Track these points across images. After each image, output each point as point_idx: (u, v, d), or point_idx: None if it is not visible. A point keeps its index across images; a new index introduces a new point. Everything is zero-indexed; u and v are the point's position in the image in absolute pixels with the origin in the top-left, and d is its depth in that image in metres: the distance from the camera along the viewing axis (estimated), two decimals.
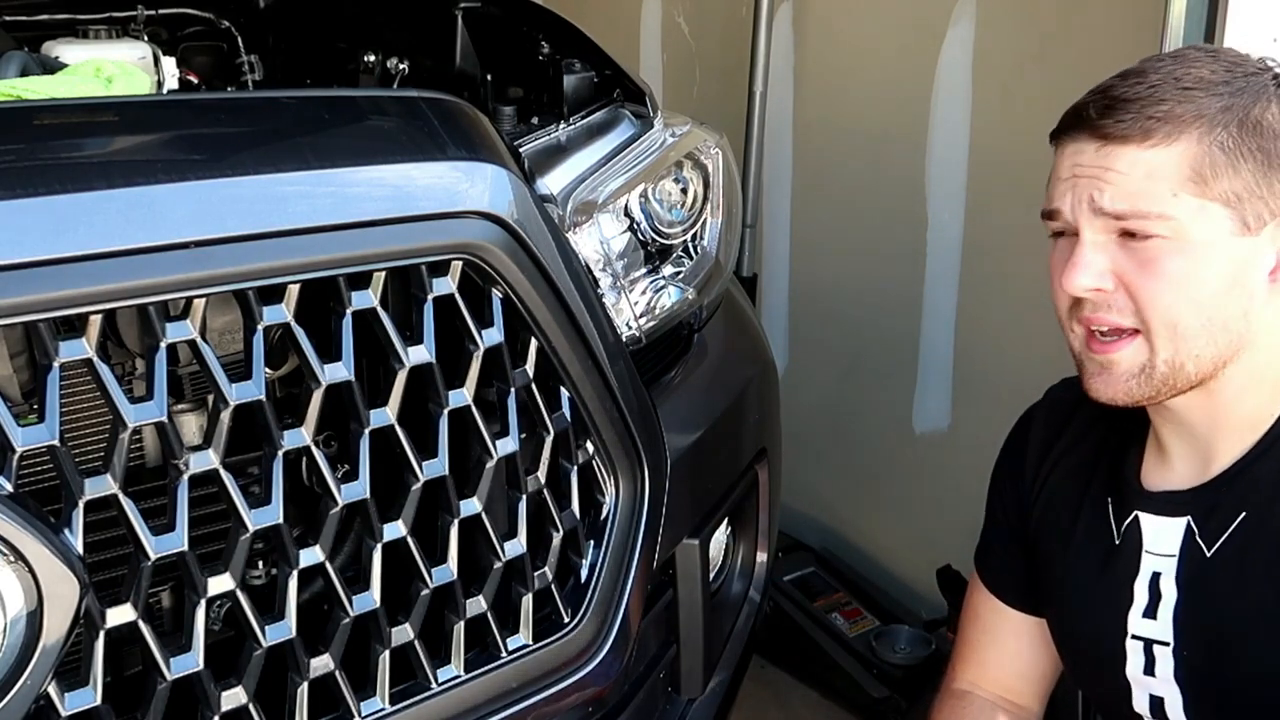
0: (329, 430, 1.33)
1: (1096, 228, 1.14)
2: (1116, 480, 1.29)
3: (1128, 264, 1.13)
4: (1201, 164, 1.11)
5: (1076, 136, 1.16)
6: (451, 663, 1.25)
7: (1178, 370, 1.14)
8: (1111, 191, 1.12)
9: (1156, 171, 1.11)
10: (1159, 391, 1.16)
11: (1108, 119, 1.13)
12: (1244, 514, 1.17)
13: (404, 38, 1.83)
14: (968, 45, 2.50)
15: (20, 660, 0.96)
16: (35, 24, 1.74)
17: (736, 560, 1.78)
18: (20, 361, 1.10)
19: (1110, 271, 1.14)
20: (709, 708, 1.64)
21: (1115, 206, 1.12)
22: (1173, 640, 1.22)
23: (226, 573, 1.08)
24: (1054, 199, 1.17)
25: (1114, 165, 1.12)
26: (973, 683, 1.45)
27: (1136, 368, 1.15)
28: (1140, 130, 1.11)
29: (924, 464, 2.75)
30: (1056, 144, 1.19)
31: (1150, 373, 1.15)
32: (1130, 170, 1.12)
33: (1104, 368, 1.17)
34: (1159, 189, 1.11)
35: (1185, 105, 1.11)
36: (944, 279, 2.64)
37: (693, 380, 1.61)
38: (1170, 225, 1.11)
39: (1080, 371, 1.21)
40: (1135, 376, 1.16)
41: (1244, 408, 1.18)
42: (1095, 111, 1.14)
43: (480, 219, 1.20)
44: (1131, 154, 1.12)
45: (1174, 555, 1.22)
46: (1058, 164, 1.18)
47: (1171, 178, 1.11)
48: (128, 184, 1.00)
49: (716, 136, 1.66)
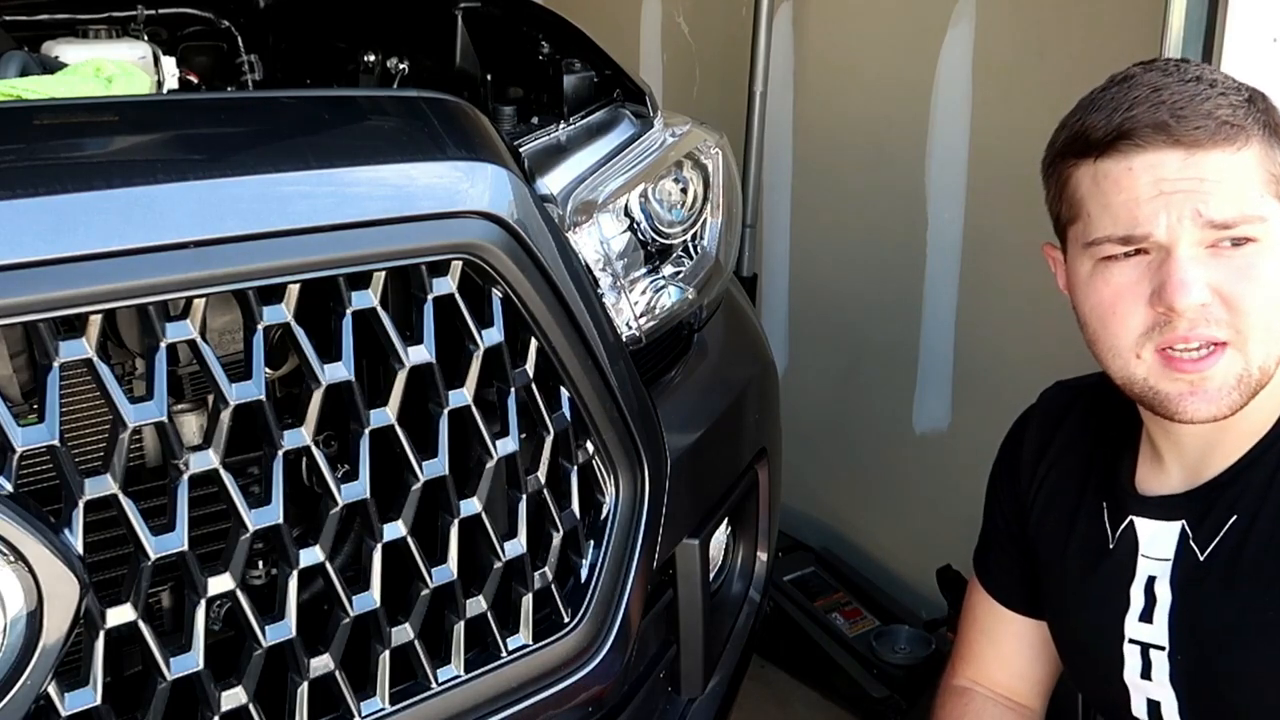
0: (329, 430, 1.33)
1: (1195, 240, 1.09)
2: (1111, 484, 1.29)
3: (1224, 273, 1.09)
4: (1271, 164, 1.10)
5: (1147, 148, 1.09)
6: (451, 663, 1.25)
7: (1266, 373, 1.12)
8: (1216, 200, 1.08)
9: (1245, 175, 1.09)
10: (1249, 398, 1.12)
11: (1185, 125, 1.08)
12: (1235, 516, 1.17)
13: (404, 38, 1.83)
14: (968, 45, 2.50)
15: (20, 660, 0.96)
16: (35, 24, 1.74)
17: (736, 560, 1.78)
18: (20, 361, 1.10)
19: (1208, 284, 1.09)
20: (709, 708, 1.64)
21: (1224, 215, 1.08)
22: (1168, 644, 1.22)
23: (226, 573, 1.08)
24: (1140, 221, 1.09)
25: (1205, 174, 1.08)
26: (973, 680, 1.45)
27: (1234, 379, 1.11)
28: (1223, 136, 1.08)
29: (924, 464, 2.75)
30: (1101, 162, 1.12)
31: (1248, 380, 1.11)
32: (1222, 177, 1.08)
33: (1196, 386, 1.11)
34: (1252, 192, 1.09)
35: (1239, 110, 1.10)
36: (944, 279, 2.64)
37: (693, 380, 1.61)
38: (1264, 228, 1.09)
39: (1156, 400, 1.14)
40: (1235, 388, 1.11)
41: (1251, 415, 1.17)
42: (1169, 118, 1.08)
43: (480, 219, 1.20)
44: (1219, 160, 1.08)
45: (1169, 559, 1.21)
46: (1124, 183, 1.10)
47: (1257, 180, 1.09)
48: (128, 184, 1.00)
49: (716, 136, 1.66)
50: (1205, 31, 1.71)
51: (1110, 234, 1.12)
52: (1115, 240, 1.12)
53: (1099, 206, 1.13)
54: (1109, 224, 1.12)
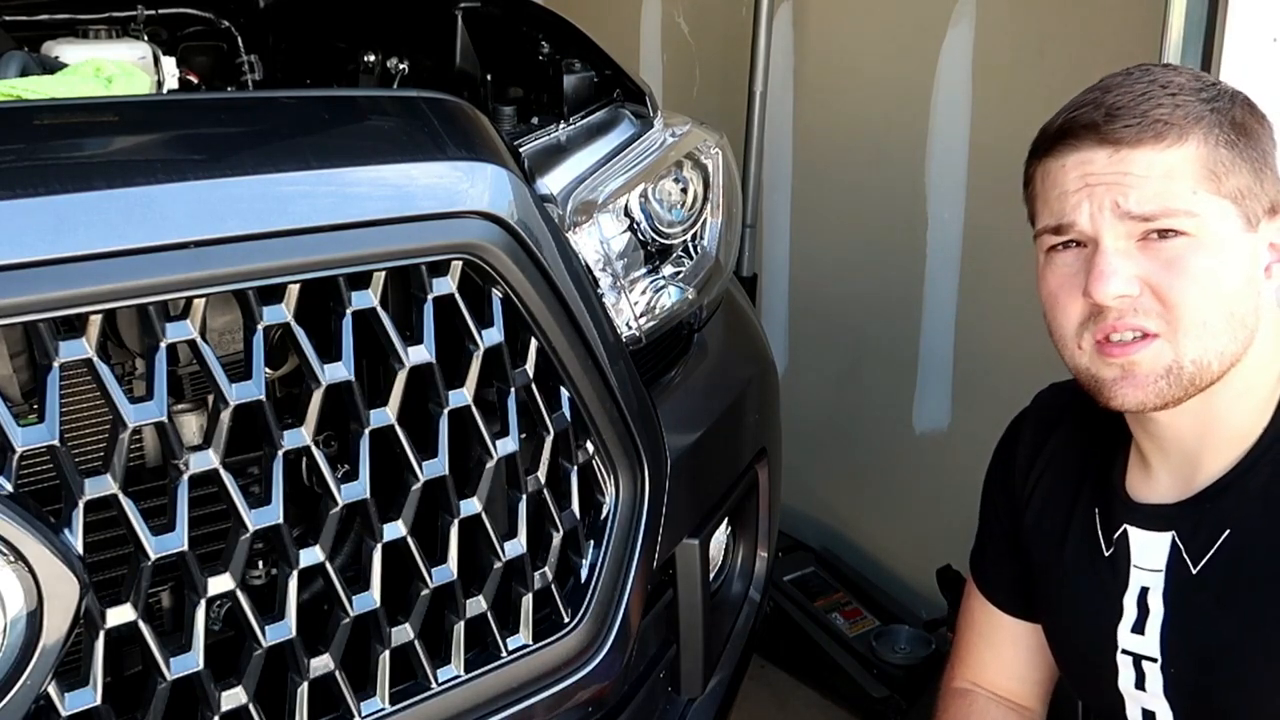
0: (329, 430, 1.33)
1: (1119, 233, 1.12)
2: (1104, 490, 1.29)
3: (1152, 266, 1.12)
4: (1212, 162, 1.12)
5: (1079, 146, 1.14)
6: (451, 663, 1.25)
7: (1203, 369, 1.13)
8: (1137, 194, 1.11)
9: (1174, 171, 1.11)
10: (1185, 392, 1.14)
11: (1114, 124, 1.12)
12: (1229, 531, 1.16)
13: (404, 38, 1.83)
14: (968, 45, 2.50)
15: (20, 660, 0.96)
16: (35, 24, 1.74)
17: (736, 560, 1.78)
18: (20, 361, 1.10)
19: (1135, 276, 1.12)
20: (709, 708, 1.64)
21: (1143, 208, 1.11)
22: (1160, 657, 1.21)
23: (226, 573, 1.08)
24: (1065, 212, 1.15)
25: (1131, 169, 1.12)
26: (973, 682, 1.45)
27: (1162, 369, 1.13)
28: (1152, 133, 1.11)
29: (924, 464, 2.75)
30: (1046, 160, 1.18)
31: (1179, 373, 1.13)
32: (1149, 172, 1.11)
33: (1126, 372, 1.14)
34: (1180, 188, 1.11)
35: (1183, 109, 1.12)
36: (944, 279, 2.64)
37: (693, 380, 1.61)
38: (1195, 222, 1.11)
39: (1096, 387, 1.18)
40: (1163, 377, 1.13)
41: (1234, 420, 1.17)
42: (1100, 118, 1.13)
43: (480, 219, 1.20)
44: (1147, 156, 1.12)
45: (1160, 570, 1.21)
46: (1058, 178, 1.16)
47: (1189, 176, 1.11)
48: (128, 184, 1.00)
49: (716, 136, 1.66)
50: (1205, 32, 1.71)
51: (1047, 224, 1.18)
52: (1050, 231, 1.18)
53: (1042, 202, 1.19)
54: (1046, 216, 1.18)
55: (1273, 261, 1.16)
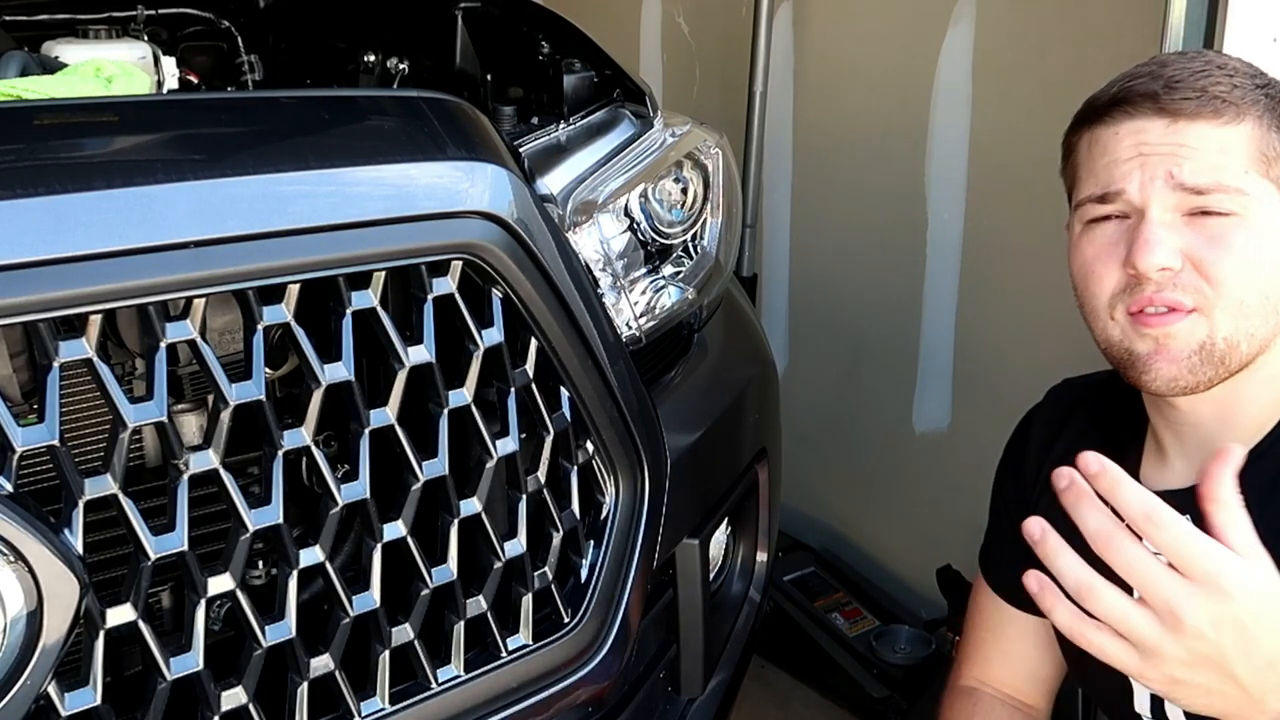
0: (329, 430, 1.33)
1: (1168, 205, 1.12)
2: None
3: (1197, 240, 1.11)
4: (1265, 145, 1.12)
5: (1135, 114, 1.14)
6: (451, 663, 1.25)
7: (1233, 349, 1.13)
8: (1191, 165, 1.11)
9: (1229, 148, 1.11)
10: (1215, 371, 1.13)
11: (1174, 95, 1.12)
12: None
13: (404, 38, 1.83)
14: (968, 45, 2.50)
15: (20, 660, 0.96)
16: (35, 24, 1.74)
17: (736, 560, 1.78)
18: (20, 361, 1.10)
19: (1178, 249, 1.11)
20: (709, 708, 1.64)
21: (1197, 180, 1.11)
22: None
23: (226, 573, 1.08)
24: (1115, 179, 1.14)
25: (1188, 140, 1.11)
26: (979, 680, 1.45)
27: (1195, 344, 1.12)
28: (1211, 109, 1.11)
29: (924, 464, 2.75)
30: (1095, 128, 1.17)
31: (1211, 350, 1.12)
32: (1204, 145, 1.11)
33: (1160, 345, 1.14)
34: (1234, 164, 1.11)
35: (1240, 89, 1.13)
36: (944, 279, 2.64)
37: (693, 380, 1.61)
38: (1244, 201, 1.11)
39: (1128, 361, 1.17)
40: (1196, 353, 1.13)
41: (1252, 409, 1.17)
42: (1160, 88, 1.12)
43: (480, 219, 1.20)
44: (1203, 130, 1.11)
45: None
46: (1109, 145, 1.15)
47: (1242, 155, 1.12)
48: (128, 184, 1.00)
49: (716, 136, 1.66)
50: (1205, 32, 1.71)
51: (1091, 193, 1.17)
52: (1094, 200, 1.17)
53: (1087, 170, 1.18)
54: (1091, 185, 1.17)
55: None
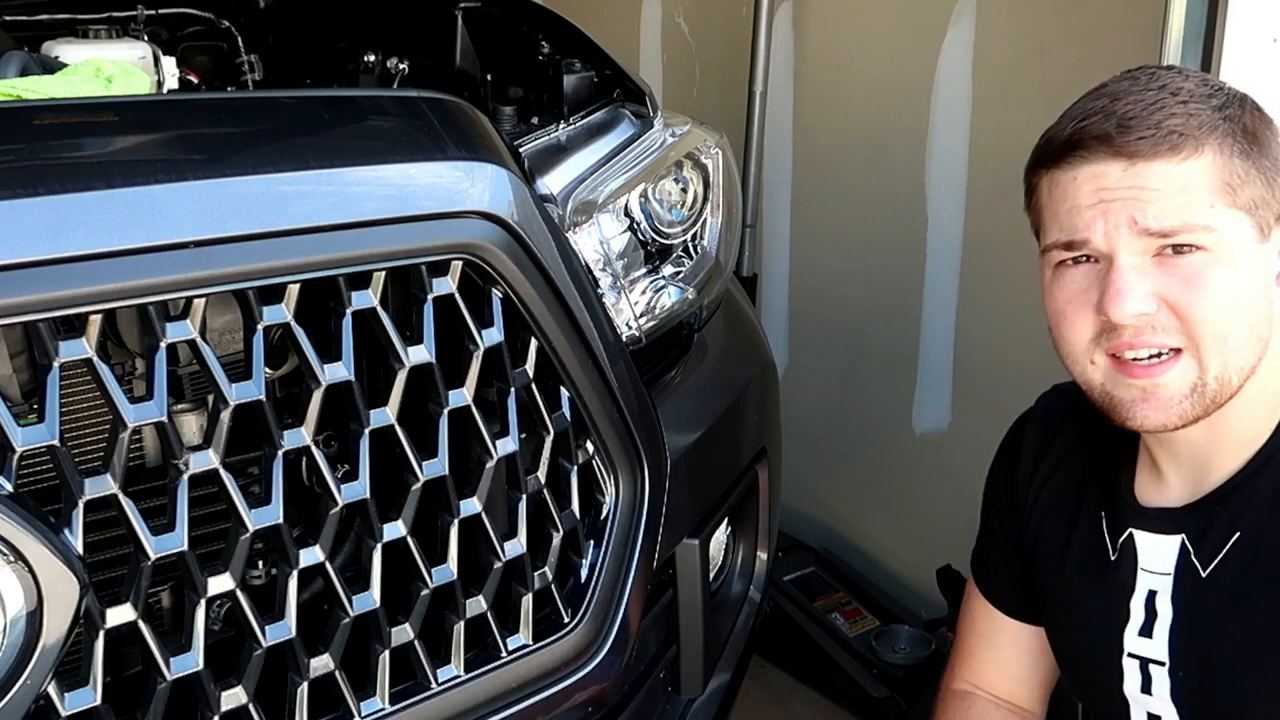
0: (329, 430, 1.32)
1: (1135, 250, 1.09)
2: (1110, 494, 1.28)
3: (1170, 282, 1.09)
4: (1228, 174, 1.09)
5: (1090, 159, 1.11)
6: (451, 663, 1.25)
7: (1225, 384, 1.11)
8: (1155, 209, 1.08)
9: (1191, 184, 1.08)
10: (1207, 409, 1.12)
11: (1128, 136, 1.09)
12: (1239, 534, 1.15)
13: (404, 38, 1.83)
14: (968, 45, 2.50)
15: (20, 660, 0.96)
16: (35, 24, 1.74)
17: (736, 560, 1.78)
18: (20, 361, 1.10)
19: (1152, 293, 1.09)
20: (709, 708, 1.64)
21: (1162, 223, 1.08)
22: (1168, 660, 1.20)
23: (226, 573, 1.08)
24: (1079, 228, 1.11)
25: (1147, 183, 1.08)
26: (973, 684, 1.45)
27: (1187, 388, 1.11)
28: (1168, 145, 1.08)
29: (924, 464, 2.75)
30: (1054, 172, 1.14)
31: (1202, 390, 1.11)
32: (1165, 185, 1.08)
33: (1148, 394, 1.12)
34: (1198, 201, 1.08)
35: (1196, 118, 1.09)
36: (944, 279, 2.64)
37: (693, 380, 1.61)
38: (1213, 237, 1.09)
39: (1110, 406, 1.15)
40: (1188, 397, 1.11)
41: (1244, 424, 1.16)
42: (1113, 129, 1.09)
43: (480, 219, 1.20)
44: (1163, 169, 1.08)
45: (1169, 574, 1.20)
46: (1069, 191, 1.12)
47: (1205, 189, 1.09)
48: (128, 184, 1.00)
49: (716, 136, 1.66)
50: (1205, 32, 1.71)
51: (1056, 240, 1.15)
52: (1060, 246, 1.14)
53: (1050, 214, 1.16)
54: (1056, 231, 1.15)
55: None
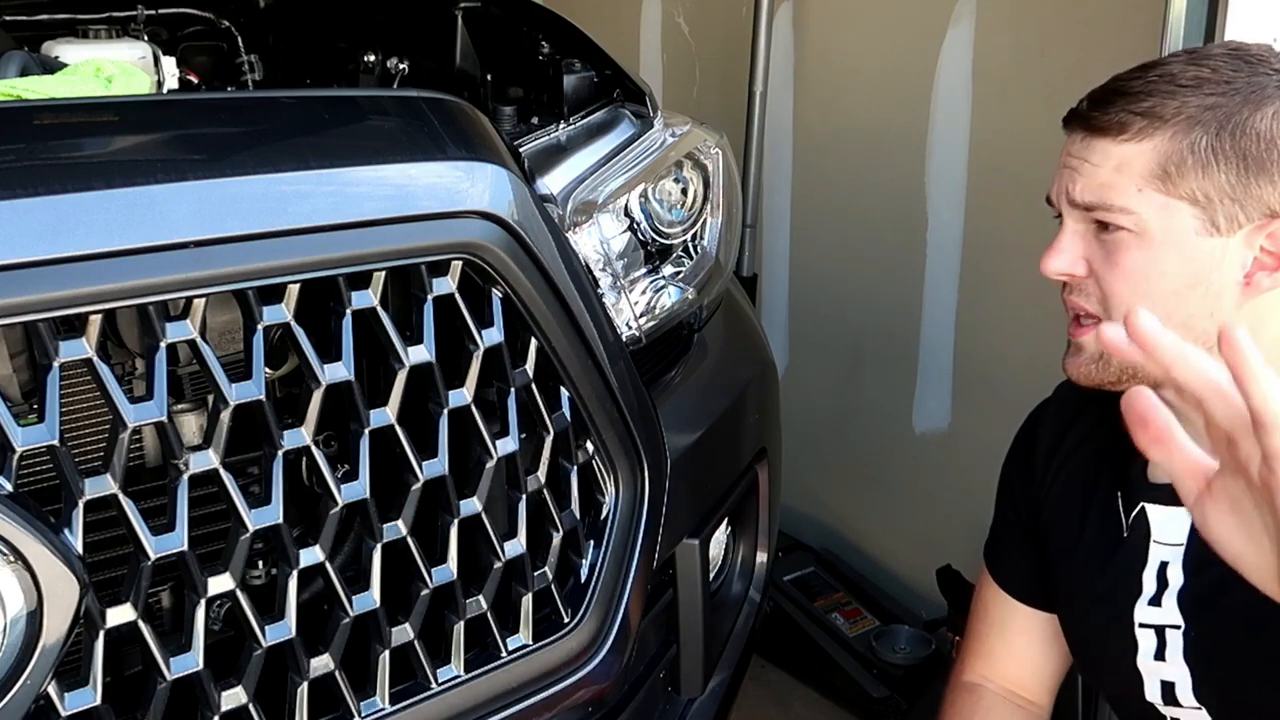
0: (329, 430, 1.33)
1: (1075, 216, 1.18)
2: (1124, 474, 1.29)
3: (1097, 253, 1.17)
4: (1169, 162, 1.12)
5: (1073, 125, 1.19)
6: (451, 663, 1.25)
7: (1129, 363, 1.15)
8: (1083, 183, 1.16)
9: (1125, 166, 1.14)
10: (1119, 378, 1.19)
11: (1095, 111, 1.16)
12: None
13: (404, 38, 1.83)
14: (968, 45, 2.50)
15: (20, 660, 0.96)
16: (35, 24, 1.74)
17: (736, 560, 1.78)
18: (20, 361, 1.10)
19: (1083, 258, 1.18)
20: (709, 708, 1.64)
21: (1084, 198, 1.16)
22: (1182, 622, 1.22)
23: (226, 573, 1.08)
24: (1051, 188, 1.21)
25: (1089, 157, 1.16)
26: (983, 676, 1.45)
27: (1096, 353, 1.20)
28: (1117, 124, 1.14)
29: (924, 464, 2.75)
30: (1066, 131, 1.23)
31: (1107, 360, 1.19)
32: (1102, 163, 1.15)
33: (1075, 349, 1.22)
34: (1125, 183, 1.14)
35: (1169, 102, 1.13)
36: (944, 279, 2.64)
37: (693, 380, 1.61)
38: (1133, 219, 1.14)
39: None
40: (1095, 363, 1.20)
41: None
42: (1088, 102, 1.17)
43: (480, 219, 1.20)
44: (1105, 146, 1.15)
45: (1181, 544, 1.22)
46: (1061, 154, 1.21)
47: (1139, 173, 1.13)
48: (128, 184, 1.00)
49: (716, 136, 1.66)
50: (1205, 32, 1.71)
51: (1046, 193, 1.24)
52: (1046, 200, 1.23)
53: None
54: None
55: (1255, 271, 1.14)
